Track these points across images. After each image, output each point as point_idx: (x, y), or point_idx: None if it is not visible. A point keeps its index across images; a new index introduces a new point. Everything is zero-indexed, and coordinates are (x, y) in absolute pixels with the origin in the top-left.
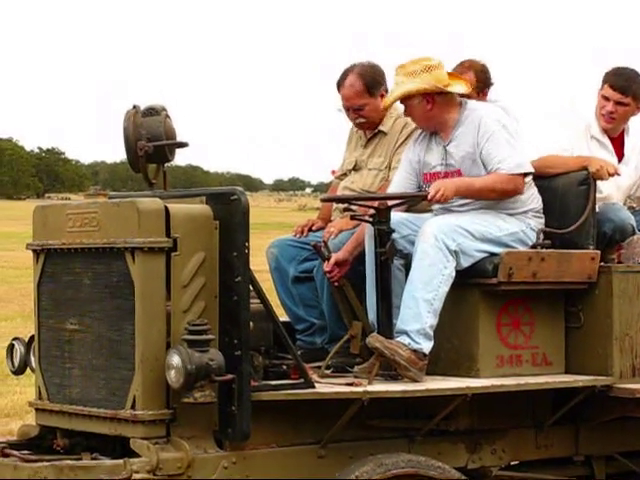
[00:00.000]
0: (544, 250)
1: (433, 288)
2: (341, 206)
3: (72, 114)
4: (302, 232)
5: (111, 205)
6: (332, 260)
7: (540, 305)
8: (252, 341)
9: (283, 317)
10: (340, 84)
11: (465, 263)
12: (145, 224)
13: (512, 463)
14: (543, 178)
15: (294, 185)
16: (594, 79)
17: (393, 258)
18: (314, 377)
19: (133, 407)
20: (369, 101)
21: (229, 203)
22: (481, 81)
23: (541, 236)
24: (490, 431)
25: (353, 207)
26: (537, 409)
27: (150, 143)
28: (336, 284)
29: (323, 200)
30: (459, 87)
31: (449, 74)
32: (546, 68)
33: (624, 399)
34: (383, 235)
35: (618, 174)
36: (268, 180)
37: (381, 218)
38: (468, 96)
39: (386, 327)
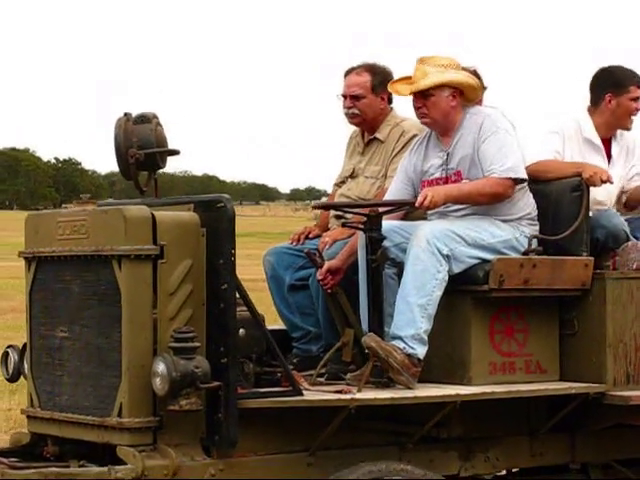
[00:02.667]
0: (536, 257)
1: (427, 293)
2: (336, 214)
3: (89, 124)
4: (298, 240)
5: (99, 213)
6: (325, 267)
7: (533, 312)
8: (243, 348)
9: (279, 325)
10: (349, 71)
11: (456, 269)
12: (131, 231)
13: (511, 470)
14: (537, 183)
15: (310, 194)
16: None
17: (384, 265)
18: (305, 385)
19: (120, 414)
20: (369, 95)
21: (216, 211)
22: None
23: (533, 242)
24: (483, 439)
25: (347, 215)
26: (532, 417)
27: (141, 151)
28: (329, 292)
29: (315, 207)
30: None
31: None
32: (546, 68)
33: (619, 406)
34: (374, 242)
35: (611, 182)
36: (285, 189)
37: (372, 225)
38: None
39: (377, 334)
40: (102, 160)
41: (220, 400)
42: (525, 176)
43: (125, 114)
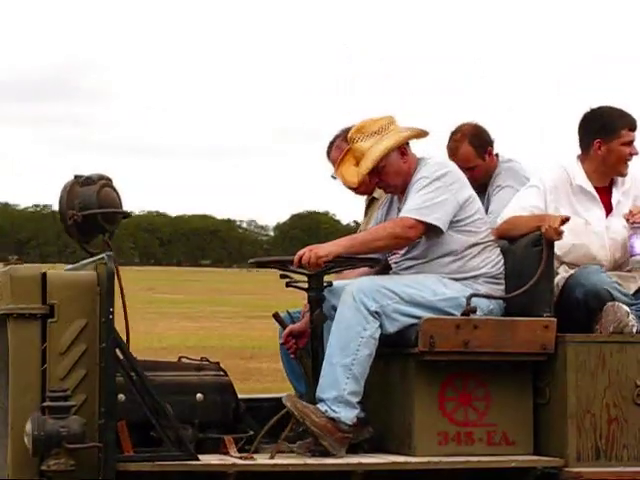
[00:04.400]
0: (478, 317)
1: (351, 352)
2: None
3: None
4: None
5: (1, 274)
6: (286, 331)
7: (498, 379)
8: (201, 414)
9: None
10: (330, 148)
11: (391, 327)
12: (17, 290)
13: None
14: (509, 242)
15: None
16: (594, 83)
17: (322, 325)
18: (232, 451)
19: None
20: None
21: (101, 268)
22: (478, 146)
23: (474, 302)
24: None
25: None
26: None
27: (80, 212)
28: (292, 355)
29: (250, 263)
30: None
31: None
32: (546, 72)
33: None
34: (312, 303)
35: (559, 238)
36: None
37: (311, 285)
38: (474, 166)
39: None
40: None
41: (101, 462)
42: (434, 222)
43: (75, 176)
